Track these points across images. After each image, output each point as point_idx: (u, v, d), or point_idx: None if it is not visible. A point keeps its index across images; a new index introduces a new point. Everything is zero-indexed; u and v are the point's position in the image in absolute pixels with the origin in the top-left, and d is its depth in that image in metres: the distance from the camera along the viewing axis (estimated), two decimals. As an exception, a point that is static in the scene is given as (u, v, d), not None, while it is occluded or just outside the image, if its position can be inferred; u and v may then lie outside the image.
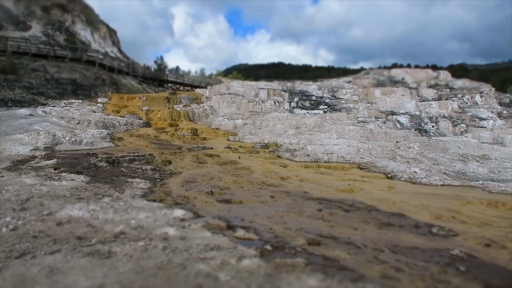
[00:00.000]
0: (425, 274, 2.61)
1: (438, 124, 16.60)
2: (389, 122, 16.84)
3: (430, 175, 8.44)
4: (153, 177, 6.87)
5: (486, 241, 3.51)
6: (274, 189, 6.17)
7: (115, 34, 36.34)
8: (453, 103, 18.31)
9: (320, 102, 19.83)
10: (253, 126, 16.10)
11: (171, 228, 3.40)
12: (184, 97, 20.98)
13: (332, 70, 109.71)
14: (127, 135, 12.67)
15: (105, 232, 3.19)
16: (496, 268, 2.84)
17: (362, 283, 2.34)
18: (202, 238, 3.16)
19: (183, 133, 14.36)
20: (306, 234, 3.55)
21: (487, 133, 14.75)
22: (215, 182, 6.55)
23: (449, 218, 4.51)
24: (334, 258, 2.82)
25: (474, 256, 3.09)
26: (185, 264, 2.53)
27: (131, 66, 30.26)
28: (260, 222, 3.94)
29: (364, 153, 11.22)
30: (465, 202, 5.46)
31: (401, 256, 2.99)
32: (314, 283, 2.32)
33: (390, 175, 8.43)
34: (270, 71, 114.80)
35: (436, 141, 13.56)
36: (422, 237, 3.63)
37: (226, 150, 11.45)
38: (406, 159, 10.64)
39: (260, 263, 2.61)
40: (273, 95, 20.36)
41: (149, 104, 19.40)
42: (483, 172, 9.38)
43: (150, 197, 4.90)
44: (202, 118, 18.34)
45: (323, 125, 15.45)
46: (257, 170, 8.25)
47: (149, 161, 8.58)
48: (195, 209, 4.39)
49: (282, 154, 11.25)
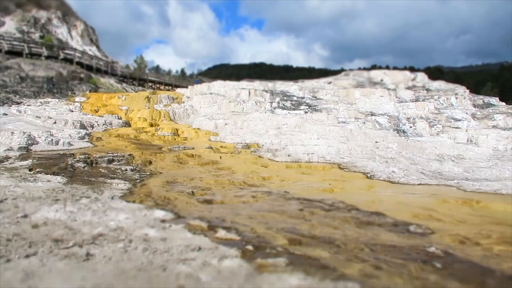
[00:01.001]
0: (403, 271, 2.67)
1: (416, 124, 16.99)
2: (368, 122, 17.13)
3: (407, 174, 8.63)
4: (133, 177, 6.77)
5: (461, 238, 3.62)
6: (255, 189, 6.18)
7: (93, 32, 35.59)
8: (430, 104, 18.79)
9: (301, 103, 19.98)
10: (234, 126, 16.08)
11: (152, 229, 3.36)
12: (164, 97, 20.74)
13: (312, 70, 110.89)
14: (106, 135, 12.43)
15: (83, 234, 3.12)
16: (470, 264, 2.93)
17: (343, 282, 2.37)
18: (183, 239, 3.14)
19: (163, 133, 14.20)
20: (287, 233, 3.57)
21: (462, 133, 15.20)
22: (196, 183, 6.51)
23: (426, 216, 4.62)
24: (315, 257, 2.85)
25: (449, 253, 3.18)
26: (165, 266, 2.51)
27: (110, 64, 29.71)
28: (241, 222, 3.94)
29: (344, 153, 11.38)
30: (441, 200, 5.61)
31: (380, 254, 3.05)
32: (295, 282, 2.33)
33: (369, 175, 8.58)
34: (252, 71, 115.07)
35: (413, 141, 13.88)
36: (400, 235, 3.71)
37: (207, 150, 11.39)
38: (385, 159, 10.85)
39: (242, 263, 2.61)
40: (255, 95, 20.38)
41: (128, 104, 19.08)
42: (458, 172, 9.66)
43: (129, 198, 4.82)
44: (183, 118, 18.18)
45: (304, 125, 15.57)
46: (239, 170, 8.24)
47: (128, 162, 8.44)
48: (176, 210, 4.35)
49: (264, 154, 11.28)
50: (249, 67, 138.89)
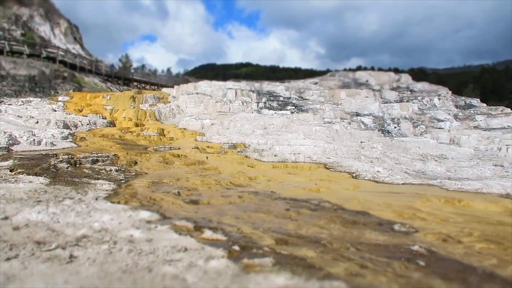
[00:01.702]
0: (388, 269, 2.70)
1: (400, 125, 17.26)
2: (354, 123, 17.31)
3: (392, 174, 8.76)
4: (118, 178, 6.68)
5: (444, 237, 3.69)
6: (242, 189, 6.18)
7: (77, 30, 34.99)
8: (414, 105, 19.11)
9: (288, 103, 20.07)
10: (221, 126, 16.03)
11: (137, 230, 3.32)
12: (150, 96, 20.54)
13: (299, 71, 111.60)
14: (90, 135, 12.24)
15: (66, 236, 3.07)
16: (452, 262, 2.99)
17: (328, 280, 2.39)
18: (169, 240, 3.11)
19: (149, 133, 14.06)
20: (274, 233, 3.57)
21: (445, 134, 15.51)
22: (182, 183, 6.46)
23: (410, 215, 4.69)
24: (301, 257, 2.86)
25: (432, 251, 3.23)
26: (151, 267, 2.48)
27: (95, 63, 29.25)
28: (228, 222, 3.93)
29: (330, 153, 11.47)
30: (424, 200, 5.71)
31: (365, 253, 3.08)
32: (282, 282, 2.34)
33: (355, 175, 8.67)
34: (238, 71, 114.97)
35: (398, 142, 14.09)
36: (385, 234, 3.76)
37: (194, 151, 11.33)
38: (370, 159, 10.98)
39: (228, 263, 2.61)
40: (241, 95, 20.37)
41: (113, 103, 18.83)
42: (441, 171, 9.85)
43: (114, 199, 4.76)
44: (168, 118, 18.04)
45: (291, 125, 15.64)
46: (225, 170, 8.22)
47: (113, 162, 8.33)
48: (162, 210, 4.31)
49: (250, 154, 11.28)
50: (236, 67, 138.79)
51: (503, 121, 17.33)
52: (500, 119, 17.49)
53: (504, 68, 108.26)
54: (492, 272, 2.79)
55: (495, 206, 5.38)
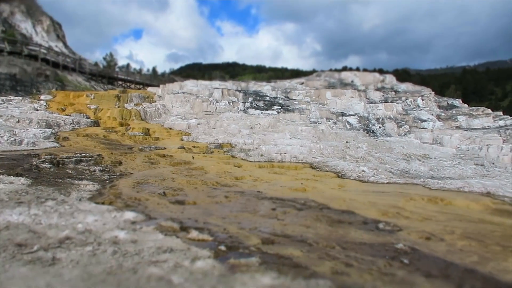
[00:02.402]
0: (373, 268, 2.74)
1: (384, 125, 17.49)
2: (339, 123, 17.47)
3: (377, 173, 8.87)
4: (102, 178, 6.58)
5: (427, 235, 3.76)
6: (228, 189, 6.16)
7: (60, 28, 34.33)
8: (398, 105, 19.39)
9: (274, 103, 20.12)
10: (207, 126, 15.97)
11: (122, 231, 3.28)
12: (135, 96, 20.30)
13: (285, 71, 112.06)
14: (73, 135, 12.02)
15: (49, 237, 3.00)
16: (435, 260, 3.05)
17: (314, 279, 2.41)
18: (154, 240, 3.08)
19: (134, 133, 13.90)
20: (260, 233, 3.58)
21: (428, 133, 15.80)
22: (168, 183, 6.41)
23: (394, 214, 4.77)
24: (287, 256, 2.87)
25: (416, 249, 3.29)
26: (136, 268, 2.45)
27: (78, 62, 28.75)
28: (214, 222, 3.91)
29: (316, 152, 11.55)
30: (408, 198, 5.80)
31: (351, 252, 3.12)
32: (268, 281, 2.34)
33: (340, 174, 8.75)
34: (224, 70, 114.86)
35: (382, 141, 14.29)
36: (370, 233, 3.80)
37: (180, 150, 11.25)
38: (355, 159, 11.10)
39: (214, 264, 2.60)
40: (227, 95, 20.32)
41: (97, 103, 18.54)
42: (424, 170, 10.03)
43: (98, 200, 4.68)
44: (154, 118, 17.87)
45: (277, 125, 15.68)
46: (211, 170, 8.19)
47: (97, 162, 8.20)
48: (147, 211, 4.26)
49: (236, 154, 11.27)
50: (222, 66, 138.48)
51: (483, 121, 17.76)
52: (481, 119, 17.92)
53: (484, 70, 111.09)
54: (473, 269, 2.85)
55: (476, 204, 5.51)
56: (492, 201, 5.74)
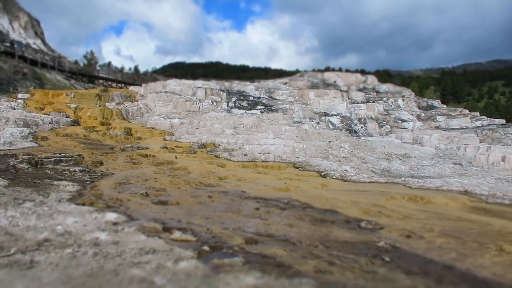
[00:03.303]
0: (355, 266, 2.78)
1: (366, 125, 17.75)
2: (322, 122, 17.63)
3: (359, 173, 8.99)
4: (83, 179, 6.45)
5: (407, 233, 3.83)
6: (211, 189, 6.14)
7: (38, 24, 33.45)
8: (379, 105, 19.72)
9: (258, 103, 20.14)
10: (190, 126, 15.86)
11: (103, 232, 3.22)
12: (117, 95, 19.97)
13: (268, 71, 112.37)
14: (52, 134, 11.74)
15: (27, 240, 2.93)
16: (415, 257, 3.11)
17: (298, 278, 2.42)
18: (137, 241, 3.04)
19: (115, 132, 13.67)
20: (243, 233, 3.58)
21: (408, 133, 16.12)
22: (150, 183, 6.33)
23: (375, 212, 4.84)
24: (271, 256, 2.88)
25: (397, 247, 3.35)
26: (118, 270, 2.41)
27: (57, 59, 28.09)
28: (197, 223, 3.89)
29: (299, 152, 11.62)
30: (389, 197, 5.90)
31: (333, 250, 3.15)
32: (251, 281, 2.35)
33: (323, 174, 8.83)
34: (208, 70, 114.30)
35: (364, 141, 14.49)
36: (352, 232, 3.85)
37: (162, 150, 11.14)
38: (337, 158, 11.22)
39: (198, 264, 2.58)
40: (211, 94, 20.23)
41: (77, 101, 18.15)
42: (405, 170, 10.22)
43: (79, 201, 4.59)
44: (136, 117, 17.63)
45: (260, 125, 15.70)
46: (195, 170, 8.14)
47: (77, 162, 8.04)
48: (129, 212, 4.20)
49: (220, 154, 11.23)
50: (205, 66, 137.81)
51: (461, 121, 18.25)
52: (459, 119, 18.41)
53: (462, 72, 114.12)
54: (452, 265, 2.92)
55: (454, 202, 5.65)
56: (469, 199, 5.91)
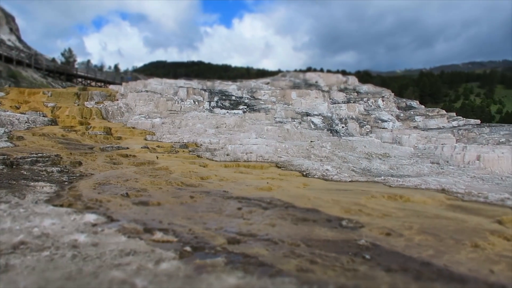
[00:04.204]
0: (336, 264, 2.81)
1: (347, 125, 17.99)
2: (304, 122, 17.76)
3: (340, 172, 9.11)
4: (60, 179, 6.29)
5: (387, 231, 3.90)
6: (193, 189, 6.09)
7: (13, 21, 32.44)
8: (360, 106, 20.02)
9: (240, 102, 20.12)
10: (172, 125, 15.70)
11: (82, 234, 3.15)
12: (96, 94, 19.60)
13: (250, 70, 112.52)
14: (28, 134, 11.41)
15: (1, 243, 2.83)
16: (395, 254, 3.18)
17: (280, 277, 2.43)
18: (117, 243, 2.99)
19: (95, 132, 13.41)
20: (226, 233, 3.57)
21: (388, 133, 16.43)
22: (131, 184, 6.24)
23: (356, 211, 4.91)
24: (253, 255, 2.88)
25: (377, 244, 3.41)
26: (97, 272, 2.37)
27: (33, 57, 27.32)
28: (179, 223, 3.85)
29: (282, 152, 11.68)
30: (369, 196, 5.99)
31: (315, 249, 3.18)
32: (234, 281, 2.34)
33: (305, 173, 8.90)
34: (189, 69, 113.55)
35: (345, 141, 14.69)
36: (333, 230, 3.90)
37: (143, 150, 10.98)
38: (319, 158, 11.33)
39: (180, 265, 2.56)
40: (193, 94, 20.09)
41: (55, 100, 17.72)
42: (385, 169, 10.42)
43: (56, 202, 4.48)
44: (116, 116, 17.33)
45: (243, 125, 15.70)
46: (176, 170, 8.06)
47: (55, 163, 7.84)
48: (109, 213, 4.13)
49: (202, 154, 11.17)
50: (187, 65, 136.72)
51: (439, 121, 18.73)
52: (436, 119, 18.89)
53: (439, 73, 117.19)
54: (430, 262, 3.00)
55: (432, 200, 5.79)
56: (446, 197, 6.07)
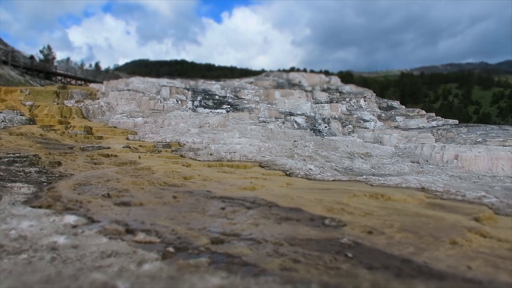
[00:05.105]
0: (319, 263, 2.83)
1: (330, 124, 18.18)
2: (287, 122, 17.85)
3: (323, 171, 9.19)
4: (39, 180, 6.14)
5: (369, 229, 3.96)
6: (176, 189, 6.04)
7: (-12, 17, 31.40)
8: (342, 106, 20.26)
9: (223, 102, 20.07)
10: (154, 125, 15.53)
11: (61, 236, 3.08)
12: (76, 92, 19.20)
13: (234, 70, 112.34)
14: (5, 134, 11.08)
15: (-24, 246, 2.74)
16: (376, 252, 3.23)
17: (263, 277, 2.44)
18: (98, 245, 2.94)
19: (75, 131, 13.14)
20: (209, 233, 3.55)
21: (370, 133, 16.68)
22: (112, 184, 6.13)
23: (339, 210, 4.96)
24: (237, 255, 2.88)
25: (359, 243, 3.46)
26: (77, 275, 2.32)
27: (10, 54, 26.54)
28: (162, 224, 3.82)
29: (265, 151, 11.70)
30: (351, 195, 6.07)
31: (298, 248, 3.20)
32: (217, 281, 2.34)
33: (288, 172, 8.94)
34: (172, 68, 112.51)
35: (328, 140, 14.83)
36: (316, 229, 3.93)
37: (125, 150, 10.82)
38: (302, 157, 11.41)
39: (162, 266, 2.54)
40: (176, 93, 19.92)
41: (33, 99, 17.27)
42: (366, 168, 10.57)
43: (35, 203, 4.36)
44: (97, 116, 17.02)
45: (226, 124, 15.66)
46: (159, 170, 7.97)
47: (33, 163, 7.64)
48: (90, 214, 4.05)
49: (185, 153, 11.08)
50: (170, 64, 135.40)
51: (418, 121, 19.13)
52: (416, 119, 19.29)
53: (419, 74, 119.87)
54: (410, 259, 3.06)
55: (412, 199, 5.91)
56: (426, 196, 6.21)
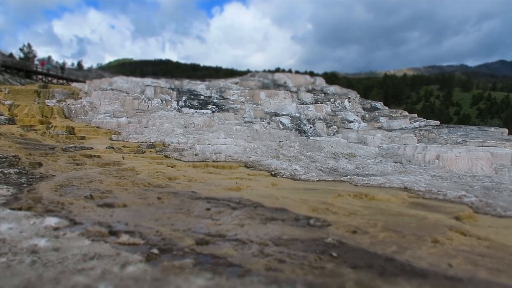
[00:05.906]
0: (304, 262, 2.85)
1: (315, 125, 18.31)
2: (273, 122, 17.90)
3: (308, 171, 9.25)
4: (19, 181, 5.98)
5: (353, 229, 4.01)
6: (161, 190, 5.98)
7: (-34, 13, 30.48)
8: (327, 106, 20.43)
9: (209, 102, 19.99)
10: (138, 125, 15.34)
11: (42, 239, 3.01)
12: (58, 91, 18.81)
13: (219, 70, 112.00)
14: (-17, 134, 10.77)
15: (-48, 250, 2.66)
16: (360, 251, 3.27)
17: (249, 277, 2.44)
18: (80, 247, 2.89)
19: (56, 132, 12.87)
20: (194, 234, 3.53)
21: (354, 134, 16.88)
22: (95, 185, 6.03)
23: (323, 210, 5.01)
24: (222, 256, 2.87)
25: (343, 242, 3.50)
26: (59, 278, 2.27)
27: (-11, 52, 25.79)
28: (146, 225, 3.77)
29: (250, 152, 11.71)
30: (336, 195, 6.13)
31: (284, 248, 3.21)
32: (202, 282, 2.32)
33: (273, 173, 8.96)
34: (157, 68, 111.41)
35: (313, 141, 14.94)
36: (301, 229, 3.95)
37: (108, 150, 10.66)
38: (288, 158, 11.46)
39: (146, 268, 2.51)
40: (161, 93, 19.73)
41: (13, 98, 16.85)
42: (351, 168, 10.69)
43: (14, 205, 4.25)
44: (79, 115, 16.72)
45: (212, 124, 15.60)
46: (143, 170, 7.88)
47: (12, 164, 7.44)
48: (72, 215, 3.97)
49: (170, 154, 10.99)
50: (154, 63, 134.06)
51: (401, 122, 19.45)
52: (399, 120, 19.61)
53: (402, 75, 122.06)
54: (393, 258, 3.11)
55: (395, 198, 6.01)
56: (408, 195, 6.32)
